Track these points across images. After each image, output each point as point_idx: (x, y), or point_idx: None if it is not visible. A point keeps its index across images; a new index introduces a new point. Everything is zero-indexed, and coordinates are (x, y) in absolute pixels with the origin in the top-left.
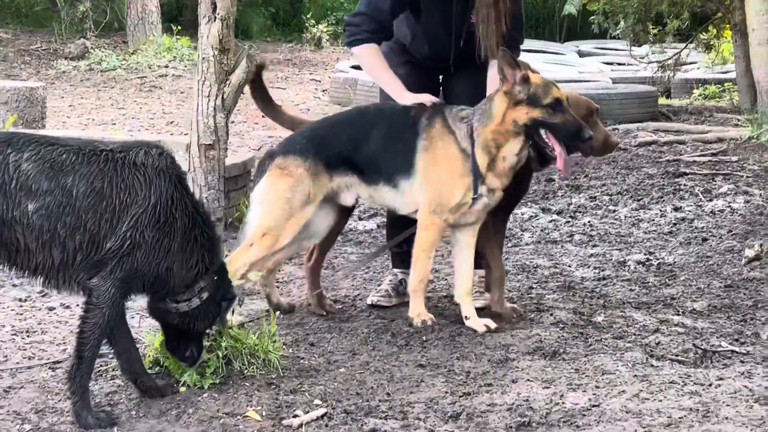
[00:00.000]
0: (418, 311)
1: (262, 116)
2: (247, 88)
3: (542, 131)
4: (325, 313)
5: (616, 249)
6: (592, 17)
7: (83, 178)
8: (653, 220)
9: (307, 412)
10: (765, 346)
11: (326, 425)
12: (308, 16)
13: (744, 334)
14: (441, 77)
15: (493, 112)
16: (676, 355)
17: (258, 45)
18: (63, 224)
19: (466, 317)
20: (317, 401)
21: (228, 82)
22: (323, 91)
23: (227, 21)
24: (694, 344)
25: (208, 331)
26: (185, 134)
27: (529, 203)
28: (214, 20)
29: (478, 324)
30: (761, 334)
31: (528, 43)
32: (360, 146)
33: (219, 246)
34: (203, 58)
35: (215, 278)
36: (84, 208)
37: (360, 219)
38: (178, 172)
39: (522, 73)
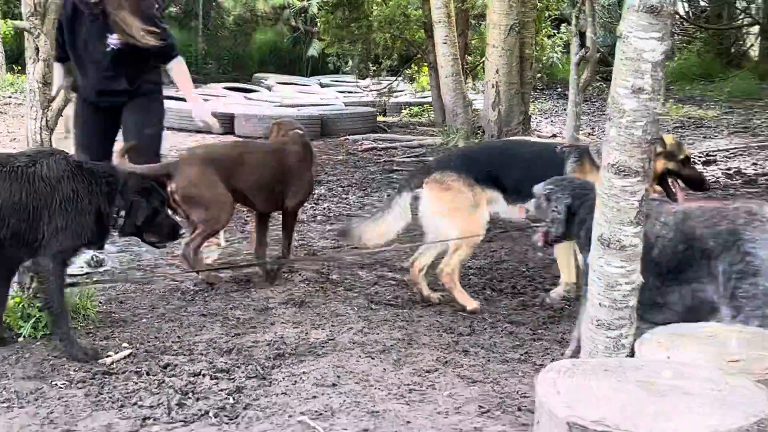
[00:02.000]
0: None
1: None
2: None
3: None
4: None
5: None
6: (329, 58)
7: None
8: (374, 204)
9: (117, 352)
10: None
11: (132, 362)
12: None
13: (435, 283)
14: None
15: None
16: (389, 301)
17: None
18: None
19: None
20: (125, 344)
21: (50, 108)
22: None
23: (48, 61)
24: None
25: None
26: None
27: None
28: (38, 61)
29: None
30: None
31: (284, 78)
32: (507, 170)
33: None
34: (30, 90)
35: None
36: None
37: None
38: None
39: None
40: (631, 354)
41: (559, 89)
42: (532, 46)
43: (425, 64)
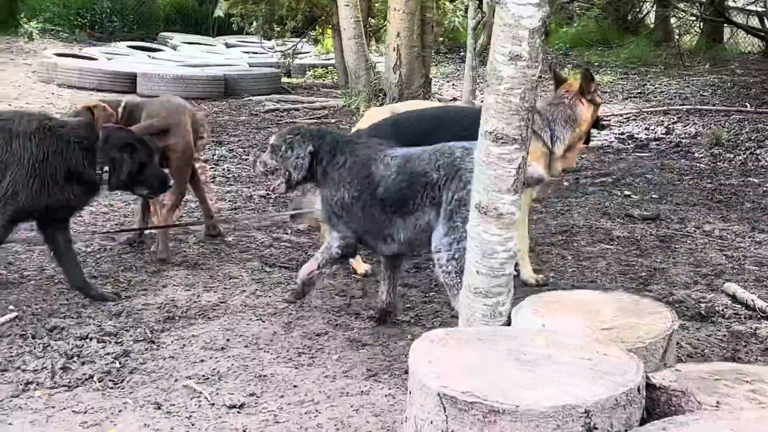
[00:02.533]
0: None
1: None
2: None
3: None
4: None
5: (246, 187)
6: (233, 18)
7: None
8: None
9: (2, 315)
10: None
11: (17, 324)
12: (22, 15)
13: None
14: None
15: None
16: (284, 263)
17: None
18: None
19: None
20: (11, 307)
21: None
22: (33, 72)
23: None
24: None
25: None
26: None
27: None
28: None
29: None
30: None
31: (190, 38)
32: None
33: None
34: None
35: None
36: None
37: None
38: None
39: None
40: (508, 322)
41: (461, 53)
42: (434, 9)
43: (329, 26)
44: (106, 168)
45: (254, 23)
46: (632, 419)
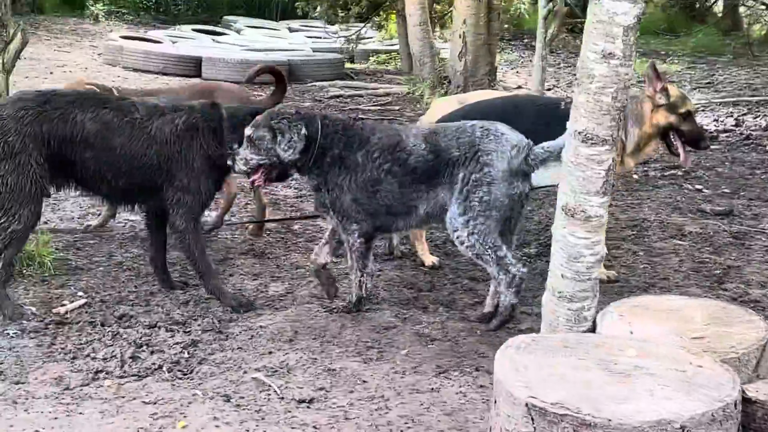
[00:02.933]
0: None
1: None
2: None
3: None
4: None
5: None
6: (297, 2)
7: None
8: None
9: (72, 302)
10: None
11: (86, 312)
12: None
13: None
14: None
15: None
16: None
17: (50, 19)
18: None
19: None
20: (80, 293)
21: (7, 50)
22: (99, 54)
23: (4, 2)
24: None
25: None
26: None
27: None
28: None
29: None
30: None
31: (253, 22)
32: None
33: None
34: None
35: None
36: None
37: None
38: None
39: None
40: (593, 327)
41: (525, 40)
42: None
43: (393, 11)
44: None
45: (318, 8)
46: None
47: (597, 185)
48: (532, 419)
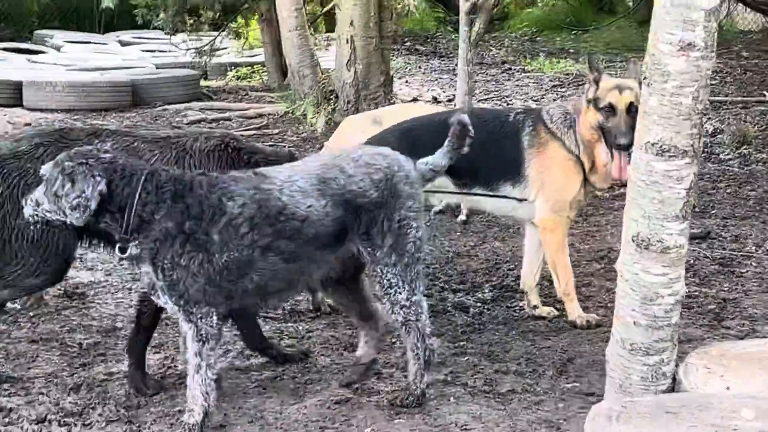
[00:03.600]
0: (578, 313)
1: None
2: None
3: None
4: None
5: None
6: (136, 10)
7: None
8: None
9: None
10: None
11: None
12: None
13: None
14: None
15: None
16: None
17: None
18: None
19: (534, 306)
20: None
21: None
22: None
23: None
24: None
25: None
26: None
27: None
28: None
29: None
30: None
31: (74, 36)
32: None
33: None
34: None
35: None
36: None
37: None
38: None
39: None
40: (673, 383)
41: (408, 43)
42: None
43: (255, 15)
44: None
45: (162, 14)
46: None
47: (677, 208)
48: None
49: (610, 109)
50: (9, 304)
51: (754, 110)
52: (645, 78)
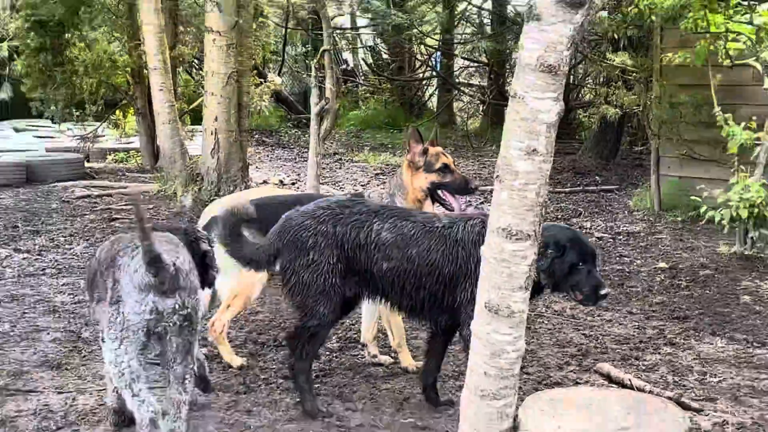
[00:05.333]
0: (410, 361)
1: None
2: None
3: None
4: None
5: (81, 279)
6: (30, 102)
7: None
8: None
9: None
10: None
11: None
12: None
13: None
14: None
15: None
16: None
17: None
18: None
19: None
20: None
21: None
22: None
23: None
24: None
25: None
26: None
27: (1, 245)
28: None
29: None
30: None
31: None
32: None
33: None
34: None
35: None
36: None
37: None
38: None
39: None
40: (514, 422)
41: (256, 136)
42: (249, 94)
43: (131, 110)
44: None
45: (52, 107)
46: None
47: (521, 281)
48: None
49: (446, 168)
50: None
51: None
52: (497, 176)
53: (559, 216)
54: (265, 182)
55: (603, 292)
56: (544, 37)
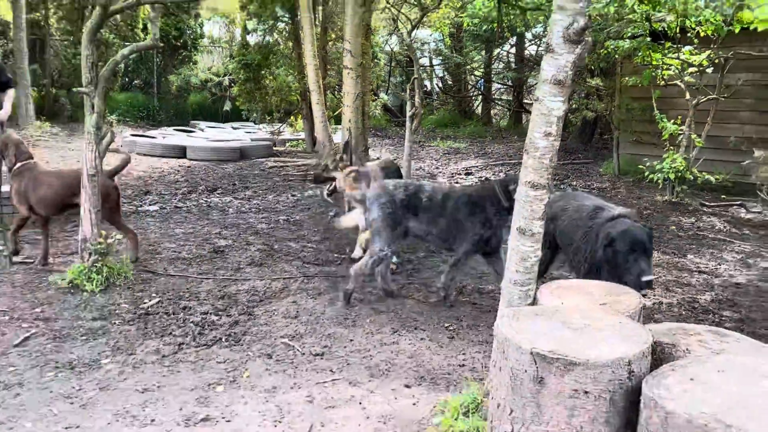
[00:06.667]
0: None
1: None
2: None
3: None
4: None
5: (273, 214)
6: (242, 111)
7: None
8: (286, 200)
9: (150, 300)
10: None
11: (161, 305)
12: (106, 111)
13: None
14: None
15: None
16: (315, 261)
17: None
18: None
19: None
20: (154, 294)
21: (101, 143)
22: (120, 146)
23: (100, 113)
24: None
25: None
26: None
27: (227, 195)
28: (93, 113)
29: None
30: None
31: (210, 124)
32: None
33: None
34: (88, 132)
35: None
36: None
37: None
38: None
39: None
40: (534, 301)
41: (372, 131)
42: (368, 106)
43: (300, 114)
44: None
45: (254, 114)
46: (649, 366)
47: (539, 214)
48: (535, 362)
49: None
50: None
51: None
52: (526, 150)
53: (557, 176)
54: (377, 158)
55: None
56: (555, 62)
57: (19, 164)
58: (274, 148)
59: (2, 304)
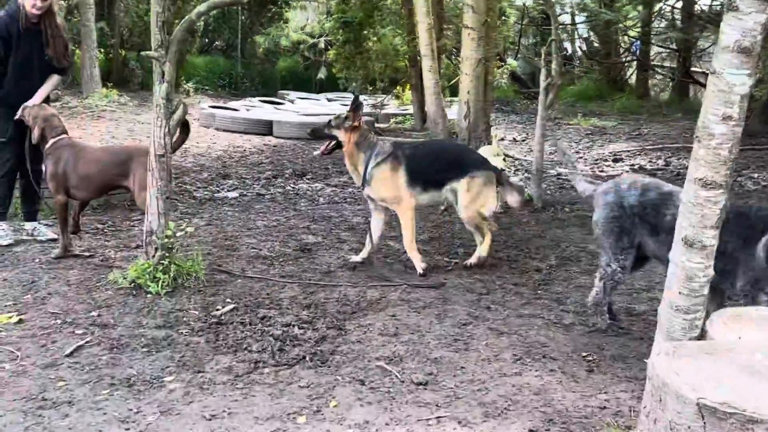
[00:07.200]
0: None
1: None
2: None
3: None
4: None
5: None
6: (339, 80)
7: None
8: None
9: (224, 306)
10: None
11: (236, 314)
12: (182, 78)
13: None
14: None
15: None
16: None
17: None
18: None
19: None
20: (228, 300)
21: (172, 118)
22: (195, 119)
23: (171, 82)
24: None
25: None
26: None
27: (317, 181)
28: (163, 82)
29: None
30: None
31: (301, 94)
32: None
33: None
34: (157, 104)
35: None
36: None
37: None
38: None
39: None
40: (702, 333)
41: (496, 105)
42: (492, 74)
43: (408, 85)
44: None
45: (353, 84)
46: None
47: (712, 221)
48: (703, 416)
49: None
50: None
51: None
52: (696, 137)
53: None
54: (502, 139)
55: None
56: (740, 24)
57: (51, 140)
58: (376, 125)
59: (54, 305)
